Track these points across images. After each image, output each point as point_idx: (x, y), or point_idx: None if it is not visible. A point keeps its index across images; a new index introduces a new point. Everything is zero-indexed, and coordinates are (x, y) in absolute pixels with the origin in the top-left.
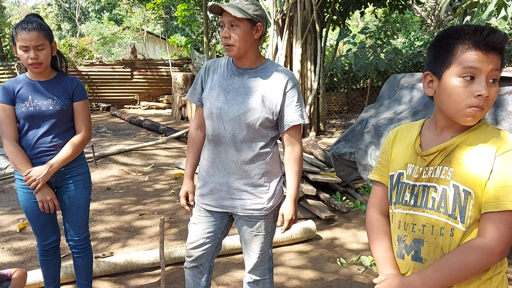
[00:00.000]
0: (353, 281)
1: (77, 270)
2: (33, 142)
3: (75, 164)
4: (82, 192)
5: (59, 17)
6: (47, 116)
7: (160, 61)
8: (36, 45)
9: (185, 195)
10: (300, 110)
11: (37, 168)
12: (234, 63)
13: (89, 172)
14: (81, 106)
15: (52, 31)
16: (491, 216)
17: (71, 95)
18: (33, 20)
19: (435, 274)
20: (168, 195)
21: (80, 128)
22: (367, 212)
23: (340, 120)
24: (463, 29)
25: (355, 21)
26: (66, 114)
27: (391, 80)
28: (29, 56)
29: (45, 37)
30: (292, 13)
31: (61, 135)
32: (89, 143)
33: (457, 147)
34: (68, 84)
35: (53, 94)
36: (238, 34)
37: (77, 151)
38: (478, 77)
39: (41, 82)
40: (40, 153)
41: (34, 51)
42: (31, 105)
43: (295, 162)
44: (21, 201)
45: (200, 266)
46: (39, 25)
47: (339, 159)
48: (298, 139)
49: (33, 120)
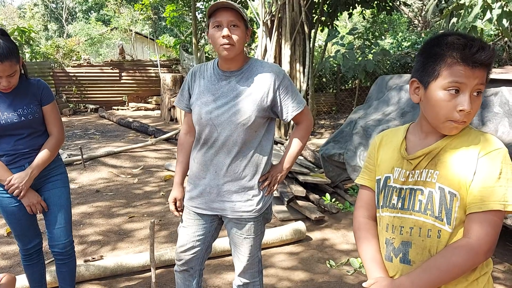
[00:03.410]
0: (343, 282)
1: (61, 276)
2: (9, 149)
3: (53, 165)
4: (62, 191)
5: (46, 17)
6: (21, 126)
7: (148, 62)
8: (9, 74)
9: (174, 201)
10: (296, 98)
11: (18, 175)
12: (220, 67)
13: (66, 173)
14: (51, 109)
15: (17, 47)
16: (476, 217)
17: (40, 100)
18: (3, 47)
19: (424, 275)
20: (158, 197)
21: (53, 131)
22: (354, 216)
23: (329, 121)
24: (453, 42)
25: (343, 22)
26: (38, 120)
27: (379, 81)
28: (1, 83)
29: (16, 62)
30: (281, 15)
31: (36, 139)
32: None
33: (442, 150)
34: (34, 89)
35: (23, 103)
36: (238, 35)
37: (55, 153)
38: (462, 92)
39: (8, 94)
40: (17, 157)
41: (7, 79)
42: (2, 118)
43: (297, 138)
44: (1, 206)
45: (190, 270)
46: (10, 52)
47: (328, 160)
48: (303, 119)
49: (5, 131)
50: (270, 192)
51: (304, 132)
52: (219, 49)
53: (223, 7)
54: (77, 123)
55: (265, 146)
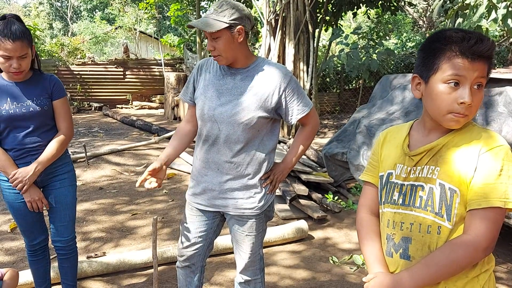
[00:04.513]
0: (345, 280)
1: (63, 272)
2: (16, 143)
3: (60, 163)
4: (68, 190)
5: (51, 16)
6: (28, 117)
7: (152, 61)
8: (19, 55)
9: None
10: (301, 101)
11: (23, 169)
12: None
13: (74, 170)
14: (61, 104)
15: (31, 34)
16: (476, 213)
17: (50, 93)
18: (16, 28)
19: (423, 271)
20: (160, 195)
21: (62, 126)
22: (357, 212)
23: (332, 121)
24: (451, 35)
25: (348, 22)
26: (47, 114)
27: (384, 80)
28: (11, 65)
29: (28, 45)
30: (285, 14)
31: (44, 134)
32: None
33: (444, 147)
34: (46, 83)
35: (33, 95)
36: (221, 45)
37: (62, 149)
38: (462, 84)
39: (18, 83)
40: (24, 154)
41: (17, 61)
42: (11, 108)
43: (301, 138)
44: (8, 202)
45: (192, 266)
46: (22, 33)
47: (331, 159)
48: (309, 121)
49: (15, 122)
50: (273, 190)
51: (309, 134)
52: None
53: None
54: (81, 121)
55: (268, 145)
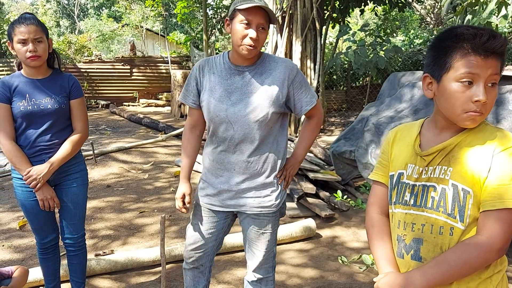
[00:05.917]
0: (353, 279)
1: (72, 269)
2: (32, 141)
3: (73, 162)
4: (80, 189)
5: (58, 13)
6: (45, 115)
7: (159, 58)
8: (34, 38)
9: (182, 197)
10: (309, 92)
11: (37, 167)
12: (232, 61)
13: (86, 170)
14: (78, 104)
15: (48, 29)
16: (489, 214)
17: (68, 92)
18: (30, 16)
19: (434, 270)
20: (168, 193)
21: (77, 126)
22: (366, 212)
23: (339, 118)
24: (462, 33)
25: (355, 19)
26: (64, 112)
27: (392, 78)
28: (28, 49)
29: (42, 31)
30: (292, 11)
31: (59, 133)
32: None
33: (456, 147)
34: (64, 82)
35: (51, 92)
36: (263, 38)
37: (76, 149)
38: (476, 82)
39: (38, 80)
40: (38, 152)
41: (33, 44)
42: (30, 104)
43: (308, 130)
44: (20, 199)
45: (201, 267)
46: (36, 20)
47: (339, 158)
48: (315, 113)
49: (31, 118)
50: (287, 185)
51: (316, 125)
52: (240, 47)
53: (257, 6)
54: (88, 119)
55: (280, 142)
